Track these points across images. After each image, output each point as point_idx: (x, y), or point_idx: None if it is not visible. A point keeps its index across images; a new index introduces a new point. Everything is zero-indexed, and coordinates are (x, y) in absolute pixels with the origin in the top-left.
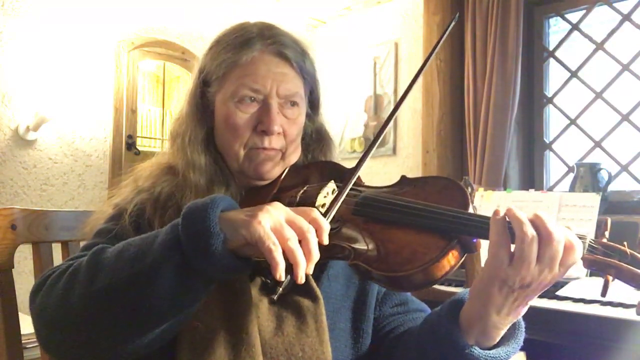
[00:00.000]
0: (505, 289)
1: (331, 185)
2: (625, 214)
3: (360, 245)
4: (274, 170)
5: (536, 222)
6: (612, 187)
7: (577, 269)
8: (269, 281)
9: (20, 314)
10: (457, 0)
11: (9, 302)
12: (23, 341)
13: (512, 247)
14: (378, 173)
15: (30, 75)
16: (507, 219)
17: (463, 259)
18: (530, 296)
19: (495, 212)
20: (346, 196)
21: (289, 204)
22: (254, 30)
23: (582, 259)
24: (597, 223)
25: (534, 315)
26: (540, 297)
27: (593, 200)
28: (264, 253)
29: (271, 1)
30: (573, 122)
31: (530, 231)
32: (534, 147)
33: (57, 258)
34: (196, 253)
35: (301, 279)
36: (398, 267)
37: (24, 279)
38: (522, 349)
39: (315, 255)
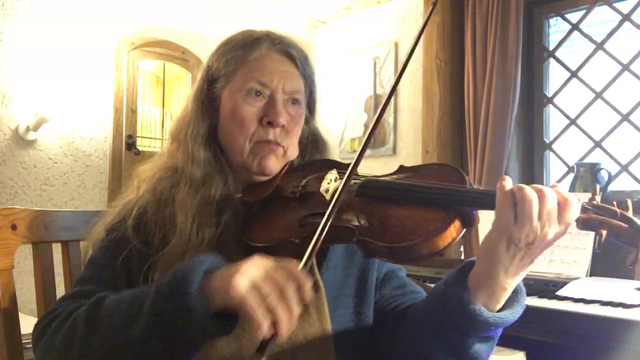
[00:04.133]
0: (512, 248)
1: (333, 173)
2: None
3: (364, 223)
4: (276, 165)
5: (535, 186)
6: (612, 187)
7: (578, 269)
8: None
9: (20, 314)
10: (457, 0)
11: (9, 302)
12: (23, 341)
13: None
14: (378, 173)
15: (30, 75)
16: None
17: (463, 232)
18: (534, 254)
19: (502, 179)
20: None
21: (291, 194)
22: (260, 33)
23: (576, 220)
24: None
25: (534, 315)
26: (540, 297)
27: None
28: (246, 316)
29: (271, 1)
30: (573, 122)
31: (529, 191)
32: (534, 147)
33: (57, 258)
34: (179, 326)
35: (283, 336)
36: (402, 238)
37: (24, 279)
38: (522, 349)
39: (296, 311)
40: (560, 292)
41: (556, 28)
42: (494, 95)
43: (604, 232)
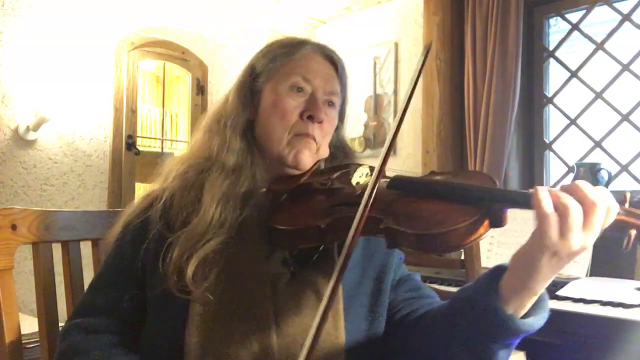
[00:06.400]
0: (555, 259)
1: (365, 168)
2: None
3: (394, 211)
4: (309, 160)
5: (578, 195)
6: (612, 187)
7: (578, 269)
8: (289, 259)
9: (20, 314)
10: (457, 0)
11: (9, 302)
12: (23, 341)
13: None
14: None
15: (30, 75)
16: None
17: (490, 230)
18: (572, 259)
19: (536, 190)
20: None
21: (321, 185)
22: (305, 37)
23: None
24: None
25: None
26: None
27: None
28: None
29: (271, 1)
30: (573, 122)
31: (574, 205)
32: (534, 147)
33: (57, 258)
34: None
35: None
36: (432, 226)
37: (24, 279)
38: (522, 349)
39: None
40: (560, 292)
41: (556, 28)
42: (494, 95)
43: (633, 233)
